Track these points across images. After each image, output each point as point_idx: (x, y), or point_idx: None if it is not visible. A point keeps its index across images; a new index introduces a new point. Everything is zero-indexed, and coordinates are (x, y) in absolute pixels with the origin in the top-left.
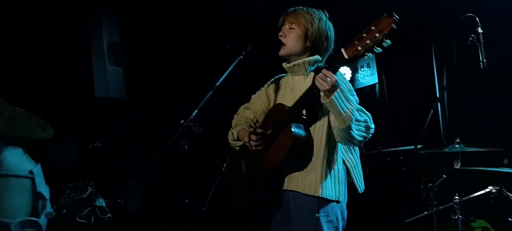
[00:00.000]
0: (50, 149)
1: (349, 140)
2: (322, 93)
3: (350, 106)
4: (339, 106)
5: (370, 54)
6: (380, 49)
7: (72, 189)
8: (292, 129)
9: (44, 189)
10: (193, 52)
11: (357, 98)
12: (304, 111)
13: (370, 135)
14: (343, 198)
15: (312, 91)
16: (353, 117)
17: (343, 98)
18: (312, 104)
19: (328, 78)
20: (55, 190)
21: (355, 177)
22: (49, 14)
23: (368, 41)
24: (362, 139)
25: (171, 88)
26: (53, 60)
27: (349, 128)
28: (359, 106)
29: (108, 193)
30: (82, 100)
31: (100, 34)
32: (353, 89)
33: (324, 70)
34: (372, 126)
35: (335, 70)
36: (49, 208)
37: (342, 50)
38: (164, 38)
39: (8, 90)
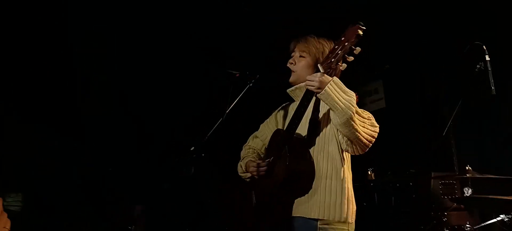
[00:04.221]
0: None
1: (356, 138)
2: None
3: (348, 97)
4: (335, 96)
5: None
6: (352, 58)
7: None
8: (287, 152)
9: None
10: (202, 78)
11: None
12: (304, 133)
13: (376, 134)
14: (352, 219)
15: (302, 105)
16: (353, 107)
17: (338, 89)
18: (311, 125)
19: (314, 77)
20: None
21: None
22: (36, 37)
23: (339, 52)
24: (370, 137)
25: (180, 115)
26: (39, 83)
27: (351, 119)
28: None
29: (114, 219)
30: (68, 126)
31: (88, 59)
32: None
33: (308, 75)
34: (377, 124)
35: None
36: None
37: (319, 65)
38: (160, 65)
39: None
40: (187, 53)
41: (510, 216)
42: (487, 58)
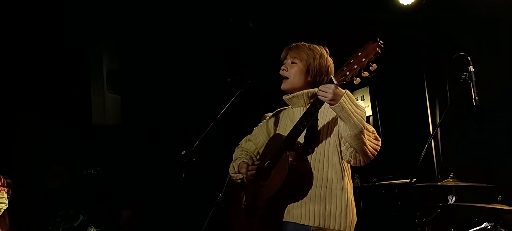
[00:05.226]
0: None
1: (363, 151)
2: (328, 104)
3: (360, 111)
4: (349, 109)
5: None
6: (367, 74)
7: (63, 217)
8: (288, 158)
9: None
10: (194, 82)
11: None
12: (302, 140)
13: (379, 147)
14: (351, 230)
15: (309, 113)
16: (364, 121)
17: (352, 103)
18: (310, 133)
19: (328, 88)
20: (45, 217)
21: None
22: (50, 38)
23: (355, 66)
24: (374, 150)
25: (169, 117)
26: (51, 84)
27: (362, 133)
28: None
29: (100, 222)
30: (79, 126)
31: (100, 61)
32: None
33: (321, 86)
34: (379, 138)
35: None
36: None
37: (332, 77)
38: (164, 67)
39: (6, 113)
40: (179, 55)
41: (493, 224)
42: (471, 69)
